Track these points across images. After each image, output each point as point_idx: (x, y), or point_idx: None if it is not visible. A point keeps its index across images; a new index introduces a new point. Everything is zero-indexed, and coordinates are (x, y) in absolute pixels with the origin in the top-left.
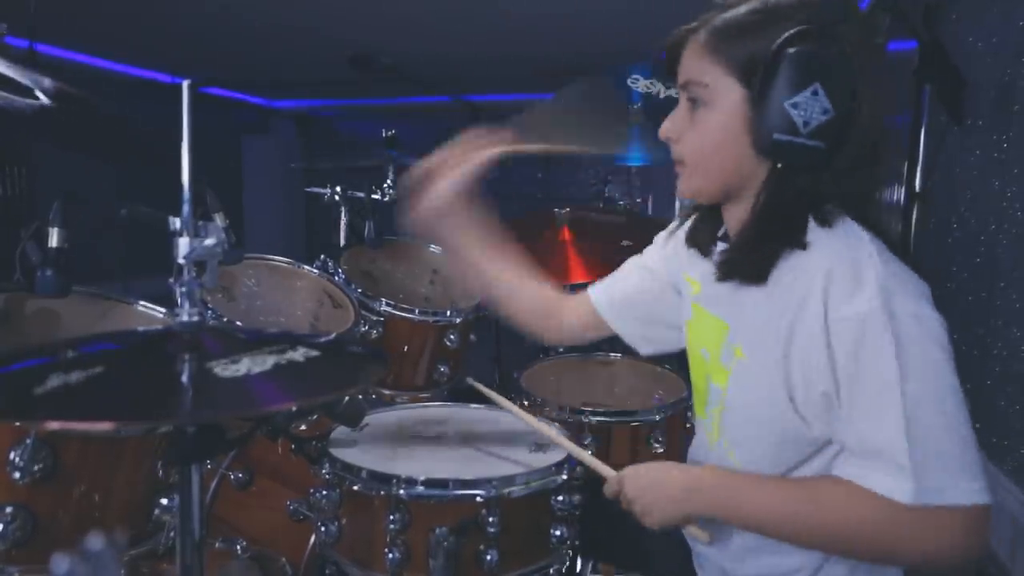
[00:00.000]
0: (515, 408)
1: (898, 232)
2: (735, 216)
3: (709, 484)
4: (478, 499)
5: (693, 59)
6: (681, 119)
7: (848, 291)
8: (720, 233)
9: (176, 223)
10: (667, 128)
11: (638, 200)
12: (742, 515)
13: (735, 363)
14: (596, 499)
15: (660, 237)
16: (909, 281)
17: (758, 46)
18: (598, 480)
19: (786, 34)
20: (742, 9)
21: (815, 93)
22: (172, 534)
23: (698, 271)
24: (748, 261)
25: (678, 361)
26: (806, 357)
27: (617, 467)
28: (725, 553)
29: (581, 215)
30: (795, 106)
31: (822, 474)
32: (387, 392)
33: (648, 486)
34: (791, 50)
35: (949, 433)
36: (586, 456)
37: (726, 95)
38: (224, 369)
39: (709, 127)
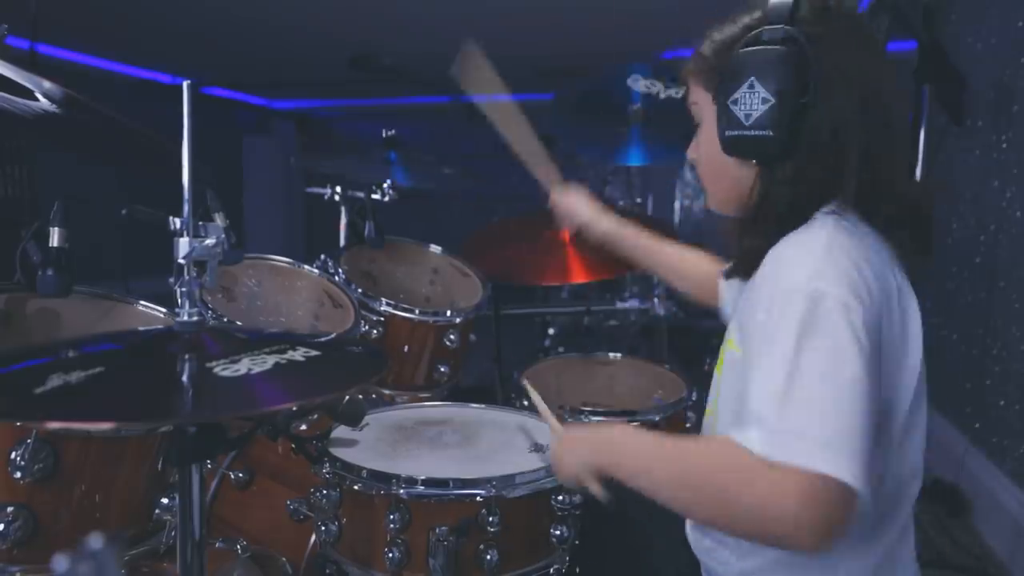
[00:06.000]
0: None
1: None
2: None
3: (607, 436)
4: (478, 499)
5: (690, 82)
6: (695, 140)
7: (788, 268)
8: None
9: (176, 223)
10: (688, 151)
11: (638, 200)
12: (628, 466)
13: (727, 354)
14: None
15: None
16: (857, 281)
17: (719, 59)
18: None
19: (731, 40)
20: (722, 28)
21: (751, 87)
22: (172, 534)
23: None
24: (738, 259)
25: (678, 361)
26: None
27: None
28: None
29: None
30: (735, 102)
31: None
32: (387, 392)
33: (564, 444)
34: (731, 53)
35: (830, 408)
36: (551, 418)
37: (706, 109)
38: (224, 369)
39: (702, 142)
